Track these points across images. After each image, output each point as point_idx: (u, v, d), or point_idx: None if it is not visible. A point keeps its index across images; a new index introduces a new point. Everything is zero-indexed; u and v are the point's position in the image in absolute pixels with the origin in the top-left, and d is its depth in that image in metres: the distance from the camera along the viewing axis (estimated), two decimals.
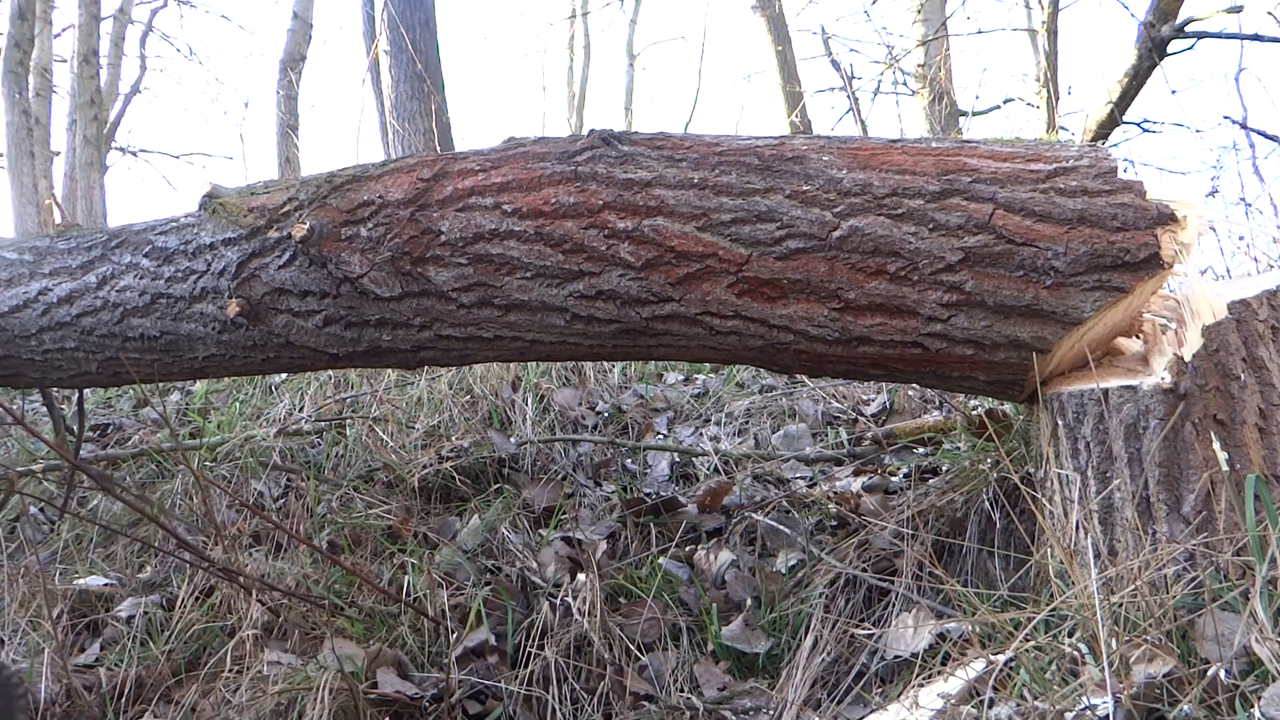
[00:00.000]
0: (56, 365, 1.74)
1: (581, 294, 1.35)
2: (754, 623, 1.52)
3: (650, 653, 1.50)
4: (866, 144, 1.33)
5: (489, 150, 1.44)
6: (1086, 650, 1.01)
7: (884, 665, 1.34)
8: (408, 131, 4.74)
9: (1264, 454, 1.12)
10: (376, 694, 1.43)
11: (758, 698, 1.40)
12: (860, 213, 1.24)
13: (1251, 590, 0.99)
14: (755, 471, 2.03)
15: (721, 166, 1.31)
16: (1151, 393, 1.13)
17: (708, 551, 1.73)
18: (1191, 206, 1.17)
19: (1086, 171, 1.21)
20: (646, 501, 1.90)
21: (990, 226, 1.20)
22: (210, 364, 1.60)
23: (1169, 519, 1.13)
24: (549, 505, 1.95)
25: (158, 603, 1.74)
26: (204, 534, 1.95)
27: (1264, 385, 1.13)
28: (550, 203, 1.34)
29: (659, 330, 1.36)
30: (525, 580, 1.67)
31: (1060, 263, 1.18)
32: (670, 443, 2.24)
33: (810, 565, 1.62)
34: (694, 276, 1.29)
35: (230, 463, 2.24)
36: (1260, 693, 0.89)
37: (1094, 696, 0.94)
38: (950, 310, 1.23)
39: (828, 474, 2.01)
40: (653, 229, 1.30)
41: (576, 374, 2.53)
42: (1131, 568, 1.09)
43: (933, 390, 1.97)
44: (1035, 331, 1.21)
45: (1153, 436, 1.13)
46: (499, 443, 2.17)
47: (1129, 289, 1.17)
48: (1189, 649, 1.00)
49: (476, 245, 1.37)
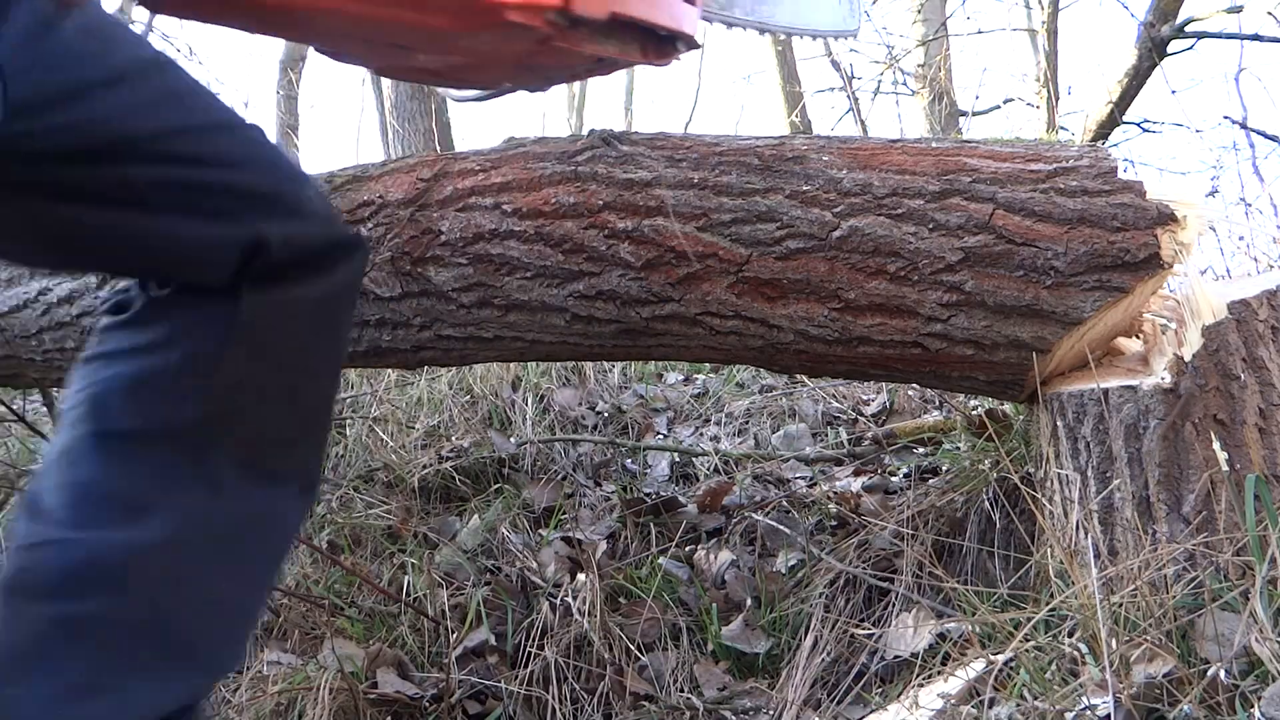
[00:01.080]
0: (57, 365, 1.74)
1: (581, 294, 1.35)
2: (754, 623, 1.53)
3: (650, 653, 1.50)
4: (866, 144, 1.33)
5: (489, 150, 1.45)
6: (1086, 650, 1.01)
7: (884, 665, 1.35)
8: (408, 131, 4.74)
9: (1264, 454, 1.12)
10: (376, 694, 1.43)
11: (758, 698, 1.40)
12: (860, 213, 1.24)
13: (1251, 590, 0.99)
14: (755, 471, 2.03)
15: (721, 166, 1.31)
16: (1151, 393, 1.13)
17: (708, 551, 1.73)
18: (1191, 206, 1.17)
19: (1086, 171, 1.21)
20: (646, 501, 1.90)
21: (990, 226, 1.20)
22: None
23: (1169, 519, 1.13)
24: (549, 505, 1.95)
25: None
26: None
27: (1264, 385, 1.13)
28: (550, 203, 1.34)
29: (659, 330, 1.36)
30: (525, 580, 1.67)
31: (1060, 263, 1.18)
32: (670, 443, 2.24)
33: (810, 565, 1.62)
34: (694, 276, 1.29)
35: None
36: (1260, 693, 0.89)
37: (1094, 696, 0.94)
38: (950, 310, 1.23)
39: (828, 474, 2.01)
40: (653, 229, 1.30)
41: (576, 374, 2.53)
42: (1131, 568, 1.09)
43: (933, 390, 1.97)
44: (1035, 331, 1.21)
45: (1153, 436, 1.13)
46: (499, 443, 2.17)
47: (1129, 289, 1.17)
48: (1189, 649, 1.00)
49: (476, 245, 1.37)
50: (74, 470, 0.84)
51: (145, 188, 0.85)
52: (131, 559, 0.82)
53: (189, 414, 0.85)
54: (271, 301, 0.89)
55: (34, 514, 0.84)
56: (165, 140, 0.85)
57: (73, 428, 0.86)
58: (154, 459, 0.85)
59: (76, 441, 0.85)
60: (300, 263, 0.90)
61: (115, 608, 0.81)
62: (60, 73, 0.79)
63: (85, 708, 0.79)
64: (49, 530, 0.82)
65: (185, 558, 0.84)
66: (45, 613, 0.80)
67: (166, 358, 0.86)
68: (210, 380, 0.86)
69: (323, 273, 0.93)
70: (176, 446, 0.85)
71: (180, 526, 0.84)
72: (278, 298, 0.89)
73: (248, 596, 0.93)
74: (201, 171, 0.87)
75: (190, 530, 0.85)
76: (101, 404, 0.86)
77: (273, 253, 0.87)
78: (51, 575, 0.81)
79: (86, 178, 0.82)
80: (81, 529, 0.82)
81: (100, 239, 0.87)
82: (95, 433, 0.85)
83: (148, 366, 0.86)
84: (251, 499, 0.89)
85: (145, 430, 0.85)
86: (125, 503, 0.83)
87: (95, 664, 0.80)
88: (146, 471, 0.84)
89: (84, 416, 0.86)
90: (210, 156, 0.88)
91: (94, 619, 0.80)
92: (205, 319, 0.87)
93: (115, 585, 0.81)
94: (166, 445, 0.85)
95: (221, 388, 0.86)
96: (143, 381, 0.86)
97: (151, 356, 0.86)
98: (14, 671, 0.79)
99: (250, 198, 0.90)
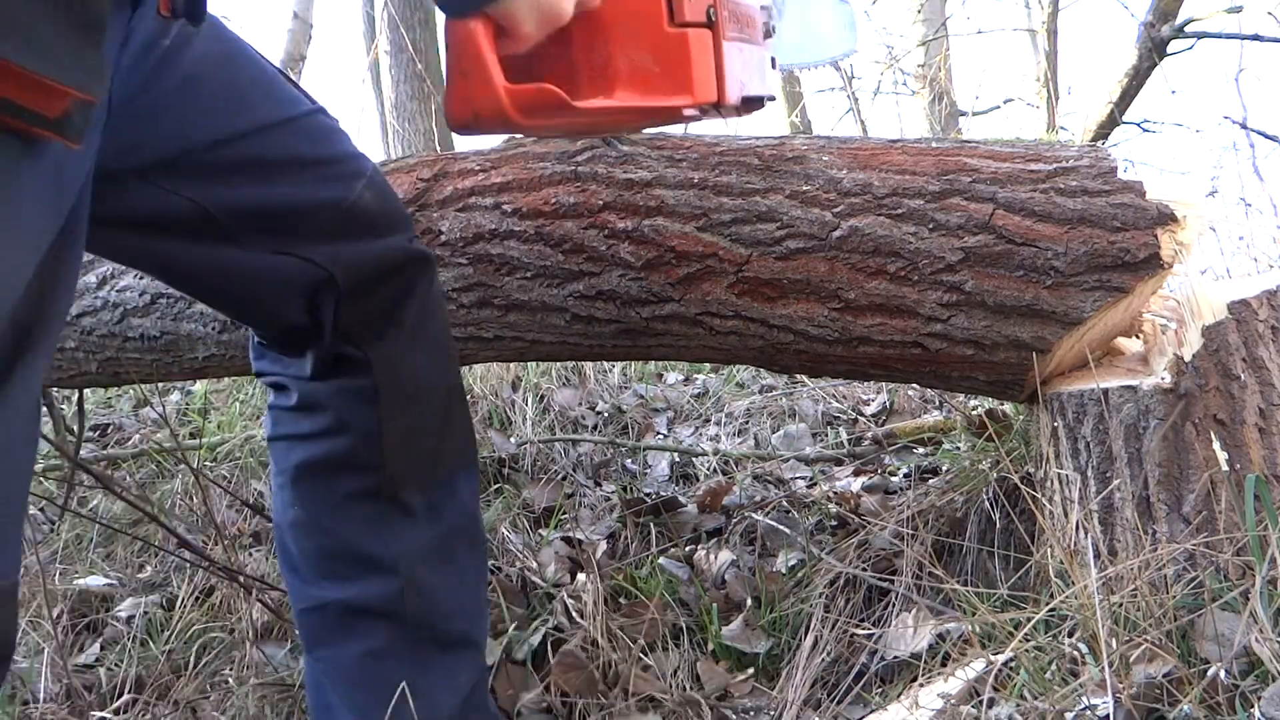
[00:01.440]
0: (56, 365, 1.74)
1: (581, 294, 1.35)
2: (754, 623, 1.53)
3: (651, 653, 1.50)
4: (866, 144, 1.33)
5: (489, 150, 1.45)
6: (1086, 650, 1.01)
7: (884, 665, 1.34)
8: (408, 131, 4.74)
9: (1264, 454, 1.12)
10: None
11: (758, 698, 1.40)
12: (860, 213, 1.24)
13: (1251, 590, 0.99)
14: (755, 471, 2.03)
15: (721, 166, 1.31)
16: (1151, 393, 1.13)
17: (708, 551, 1.73)
18: (1191, 206, 1.17)
19: (1086, 171, 1.21)
20: (646, 501, 1.90)
21: (990, 226, 1.20)
22: (210, 364, 1.60)
23: (1169, 519, 1.13)
24: (549, 505, 1.95)
25: (158, 603, 1.74)
26: (204, 534, 1.95)
27: (1264, 385, 1.13)
28: (550, 203, 1.34)
29: (659, 330, 1.36)
30: (525, 580, 1.67)
31: (1060, 263, 1.18)
32: (670, 443, 2.24)
33: (810, 565, 1.62)
34: (694, 276, 1.29)
35: (230, 463, 2.24)
36: (1260, 693, 0.89)
37: (1094, 696, 0.94)
38: (950, 310, 1.23)
39: (828, 474, 2.01)
40: (653, 229, 1.30)
41: (576, 374, 2.53)
42: (1131, 568, 1.09)
43: (933, 390, 1.97)
44: (1035, 331, 1.21)
45: (1153, 436, 1.13)
46: (499, 443, 2.17)
47: (1129, 289, 1.17)
48: (1189, 649, 1.00)
49: (476, 245, 1.37)
50: (312, 540, 1.05)
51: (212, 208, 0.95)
52: (391, 603, 1.03)
53: (377, 477, 1.02)
54: (391, 355, 1.02)
55: (300, 579, 1.07)
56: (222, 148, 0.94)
57: (294, 505, 1.06)
58: (364, 517, 1.03)
59: (304, 514, 1.05)
60: (369, 286, 1.02)
61: (396, 637, 1.03)
62: (169, 113, 0.91)
63: (404, 710, 1.00)
64: (319, 592, 1.05)
65: (422, 585, 1.04)
66: (351, 652, 1.03)
67: (346, 440, 1.03)
68: (379, 447, 1.02)
69: (408, 297, 1.04)
70: (377, 502, 1.03)
71: (408, 565, 1.04)
72: (392, 349, 1.02)
73: (476, 576, 1.12)
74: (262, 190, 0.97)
75: (415, 563, 1.04)
76: (308, 481, 1.05)
77: (340, 284, 0.99)
78: (338, 624, 1.04)
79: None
80: (344, 588, 1.03)
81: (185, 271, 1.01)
82: (311, 506, 1.04)
83: (333, 449, 1.03)
84: (438, 509, 1.06)
85: (348, 497, 1.03)
86: (363, 561, 1.03)
87: (401, 677, 1.01)
88: (365, 531, 1.03)
89: (299, 492, 1.05)
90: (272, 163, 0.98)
91: (386, 650, 1.03)
92: (354, 401, 1.02)
93: (390, 621, 1.03)
94: (370, 504, 1.03)
95: (394, 441, 1.02)
96: (335, 460, 1.03)
97: (335, 440, 1.03)
98: (341, 707, 1.04)
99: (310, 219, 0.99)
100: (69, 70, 0.64)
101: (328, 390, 1.02)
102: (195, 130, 0.91)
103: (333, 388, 1.02)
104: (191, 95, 0.91)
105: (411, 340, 1.04)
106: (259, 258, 0.96)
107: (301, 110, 1.00)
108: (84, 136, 0.68)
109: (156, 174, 0.91)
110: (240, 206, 0.94)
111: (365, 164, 1.04)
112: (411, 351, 1.04)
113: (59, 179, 0.70)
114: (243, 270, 0.97)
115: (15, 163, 0.65)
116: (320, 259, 0.97)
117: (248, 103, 0.96)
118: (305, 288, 0.98)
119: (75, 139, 0.67)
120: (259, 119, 0.96)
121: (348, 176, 1.01)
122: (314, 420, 1.03)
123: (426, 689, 1.02)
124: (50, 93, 0.63)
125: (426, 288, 1.06)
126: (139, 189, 0.90)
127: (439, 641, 1.06)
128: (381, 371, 1.01)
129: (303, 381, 1.03)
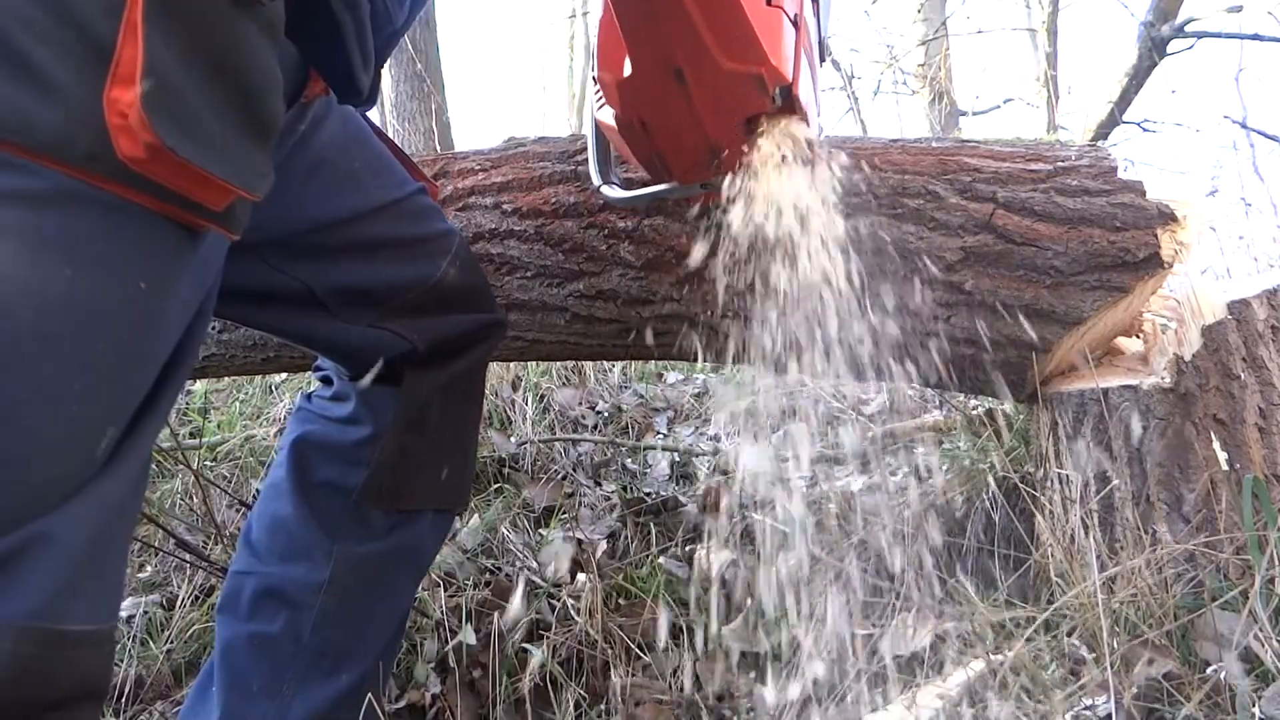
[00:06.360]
0: None
1: (581, 294, 1.35)
2: (754, 622, 1.52)
3: (651, 652, 1.50)
4: (866, 144, 1.33)
5: (489, 150, 1.45)
6: (1086, 650, 1.01)
7: (884, 665, 1.34)
8: (408, 131, 4.74)
9: (1264, 454, 1.12)
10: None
11: (758, 698, 1.40)
12: (860, 212, 1.24)
13: (1251, 590, 0.99)
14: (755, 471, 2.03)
15: None
16: (1151, 393, 1.13)
17: (708, 551, 1.73)
18: (1191, 206, 1.17)
19: (1087, 171, 1.21)
20: (646, 501, 1.90)
21: (990, 226, 1.20)
22: (210, 364, 1.60)
23: (1169, 519, 1.13)
24: (549, 505, 1.95)
25: (158, 603, 1.74)
26: (204, 534, 1.94)
27: (1264, 385, 1.13)
28: (550, 202, 1.34)
29: (659, 330, 1.36)
30: (525, 580, 1.67)
31: (1060, 262, 1.17)
32: (670, 443, 2.24)
33: (810, 565, 1.62)
34: (695, 276, 1.29)
35: (230, 463, 2.24)
36: (1260, 693, 0.89)
37: (1094, 696, 0.94)
38: (950, 310, 1.22)
39: (828, 474, 2.01)
40: (653, 228, 1.30)
41: (576, 374, 2.53)
42: (1131, 568, 1.09)
43: (933, 390, 1.97)
44: (1035, 331, 1.21)
45: (1153, 436, 1.13)
46: (499, 442, 2.17)
47: (1129, 288, 1.17)
48: (1189, 649, 1.00)
49: (477, 244, 1.37)
50: (275, 503, 1.08)
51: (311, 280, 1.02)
52: (305, 593, 1.04)
53: (357, 478, 1.06)
54: (425, 381, 1.07)
55: (245, 541, 1.09)
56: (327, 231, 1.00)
57: (281, 466, 1.09)
58: (326, 508, 1.06)
59: (282, 478, 1.08)
60: (445, 352, 1.09)
61: (290, 631, 1.03)
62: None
63: (256, 708, 1.01)
64: (252, 562, 1.07)
65: (344, 590, 1.05)
66: (243, 630, 1.04)
67: (352, 432, 1.07)
68: (377, 453, 1.06)
69: (463, 355, 1.10)
70: (345, 501, 1.06)
71: (341, 567, 1.05)
72: (429, 379, 1.07)
73: (395, 608, 1.12)
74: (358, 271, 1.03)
75: (347, 568, 1.05)
76: (301, 453, 1.09)
77: (420, 354, 1.07)
78: (248, 601, 1.05)
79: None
80: (271, 563, 1.05)
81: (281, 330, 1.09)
82: (291, 474, 1.08)
83: (337, 434, 1.08)
84: (393, 536, 1.08)
85: (325, 483, 1.07)
86: (303, 545, 1.05)
87: (271, 674, 1.02)
88: (320, 519, 1.06)
89: (290, 457, 1.09)
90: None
91: (275, 639, 1.03)
92: (375, 402, 1.07)
93: (293, 612, 1.04)
94: (338, 499, 1.06)
95: (385, 456, 1.06)
96: (333, 445, 1.08)
97: (344, 428, 1.08)
98: (217, 676, 1.04)
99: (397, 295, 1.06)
100: (240, 172, 0.67)
101: (360, 386, 1.09)
102: (315, 212, 0.97)
103: (364, 385, 1.08)
104: (316, 179, 0.96)
105: (446, 385, 1.09)
106: (352, 330, 1.04)
107: (407, 191, 1.06)
108: (242, 228, 0.72)
109: (269, 250, 0.96)
110: (341, 285, 1.01)
111: (452, 240, 1.10)
112: (438, 392, 1.09)
113: (206, 261, 0.73)
114: (331, 337, 1.06)
115: (179, 254, 0.68)
116: (403, 330, 1.05)
117: (364, 187, 1.01)
118: (388, 352, 1.07)
119: (235, 231, 0.71)
120: (372, 202, 1.02)
121: (436, 254, 1.07)
122: (339, 407, 1.10)
123: (288, 694, 1.03)
124: (220, 190, 0.66)
125: (484, 352, 1.13)
126: (251, 263, 0.95)
127: (326, 654, 1.05)
128: (406, 391, 1.07)
129: (345, 380, 1.11)
